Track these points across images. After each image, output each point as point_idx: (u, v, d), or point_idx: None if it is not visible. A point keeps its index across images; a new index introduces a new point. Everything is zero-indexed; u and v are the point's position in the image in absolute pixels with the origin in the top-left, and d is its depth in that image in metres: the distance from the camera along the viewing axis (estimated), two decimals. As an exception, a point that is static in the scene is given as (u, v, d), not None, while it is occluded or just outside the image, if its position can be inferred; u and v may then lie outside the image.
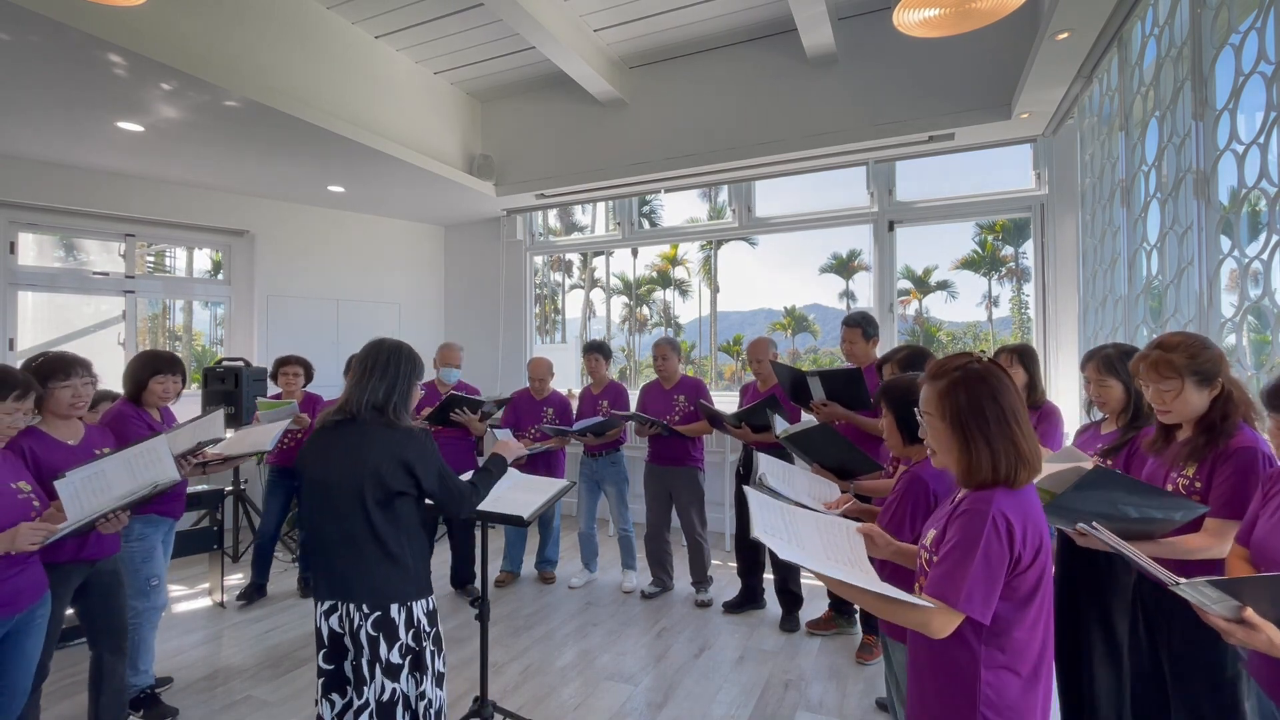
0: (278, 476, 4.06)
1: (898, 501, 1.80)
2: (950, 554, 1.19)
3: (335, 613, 1.72)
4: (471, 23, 4.50)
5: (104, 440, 2.36)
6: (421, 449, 1.75)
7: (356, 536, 1.71)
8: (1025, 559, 1.18)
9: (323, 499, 1.75)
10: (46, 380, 2.13)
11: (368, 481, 1.69)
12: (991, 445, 1.21)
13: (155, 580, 2.69)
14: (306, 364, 4.14)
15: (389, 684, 1.67)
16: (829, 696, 2.86)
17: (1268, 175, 2.00)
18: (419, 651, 1.72)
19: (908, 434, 1.84)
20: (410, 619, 1.72)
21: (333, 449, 1.75)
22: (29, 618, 1.92)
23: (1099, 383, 2.12)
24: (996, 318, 37.17)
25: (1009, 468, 1.21)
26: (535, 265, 6.74)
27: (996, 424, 1.22)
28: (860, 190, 5.19)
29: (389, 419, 1.77)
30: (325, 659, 1.74)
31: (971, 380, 1.25)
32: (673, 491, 3.97)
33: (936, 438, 1.30)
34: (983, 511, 1.18)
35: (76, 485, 1.93)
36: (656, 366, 4.06)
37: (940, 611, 1.17)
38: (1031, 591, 1.20)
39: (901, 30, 2.45)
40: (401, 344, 1.89)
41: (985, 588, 1.15)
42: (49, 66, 3.18)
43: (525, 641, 3.42)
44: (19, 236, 4.72)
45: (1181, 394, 1.64)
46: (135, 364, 2.72)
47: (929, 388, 1.31)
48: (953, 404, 1.25)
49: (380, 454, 1.71)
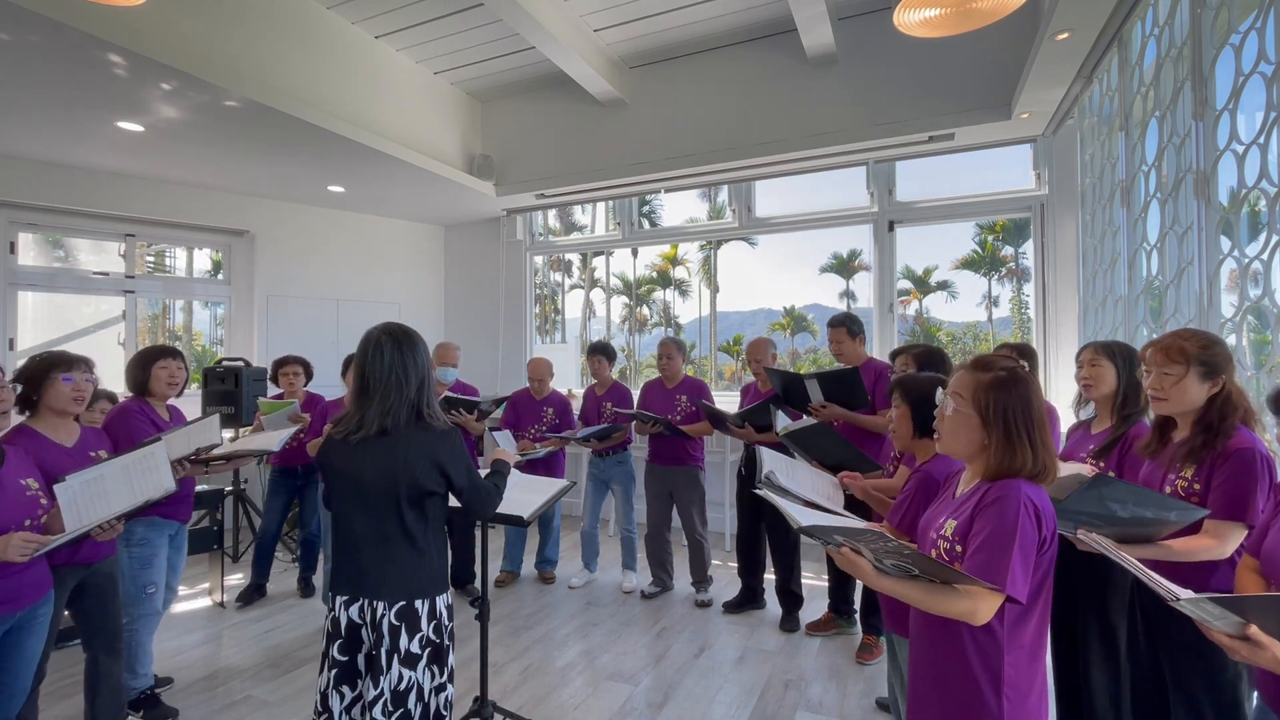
0: (279, 477, 4.06)
1: (911, 500, 1.80)
2: (990, 540, 1.23)
3: (356, 602, 1.70)
4: (471, 23, 4.50)
5: (99, 443, 2.33)
6: (454, 449, 1.74)
7: (389, 534, 1.70)
8: (1048, 540, 1.26)
9: (354, 495, 1.73)
10: (49, 371, 2.10)
11: (402, 481, 1.68)
12: (1033, 444, 1.29)
13: (152, 588, 2.66)
14: (306, 364, 4.14)
15: (406, 672, 1.65)
16: (829, 696, 2.86)
17: (1268, 175, 2.00)
18: (438, 644, 1.71)
19: (919, 427, 1.89)
20: (433, 611, 1.71)
21: (364, 451, 1.71)
22: (30, 616, 1.90)
23: (1091, 363, 2.12)
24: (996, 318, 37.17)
25: (1044, 465, 1.29)
26: (535, 265, 6.74)
27: (1039, 425, 1.30)
28: (860, 190, 5.19)
29: (424, 420, 1.73)
30: (340, 650, 1.70)
31: (1021, 381, 1.32)
32: (673, 491, 3.98)
33: (959, 424, 1.35)
34: (1014, 498, 1.24)
35: (75, 490, 1.90)
36: (660, 365, 4.06)
37: (986, 597, 1.19)
38: (1046, 573, 1.27)
39: (901, 30, 2.45)
40: (397, 336, 1.75)
41: (1024, 570, 1.21)
42: (49, 66, 3.18)
43: (525, 641, 3.42)
44: (19, 236, 4.72)
45: (1182, 382, 1.65)
46: (135, 359, 2.72)
47: (972, 376, 1.35)
48: (999, 399, 1.30)
49: (416, 455, 1.69)
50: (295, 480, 4.08)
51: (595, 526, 4.30)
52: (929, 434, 1.92)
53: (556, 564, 4.42)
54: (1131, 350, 2.11)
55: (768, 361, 3.67)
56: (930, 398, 1.92)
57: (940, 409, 1.40)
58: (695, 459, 3.95)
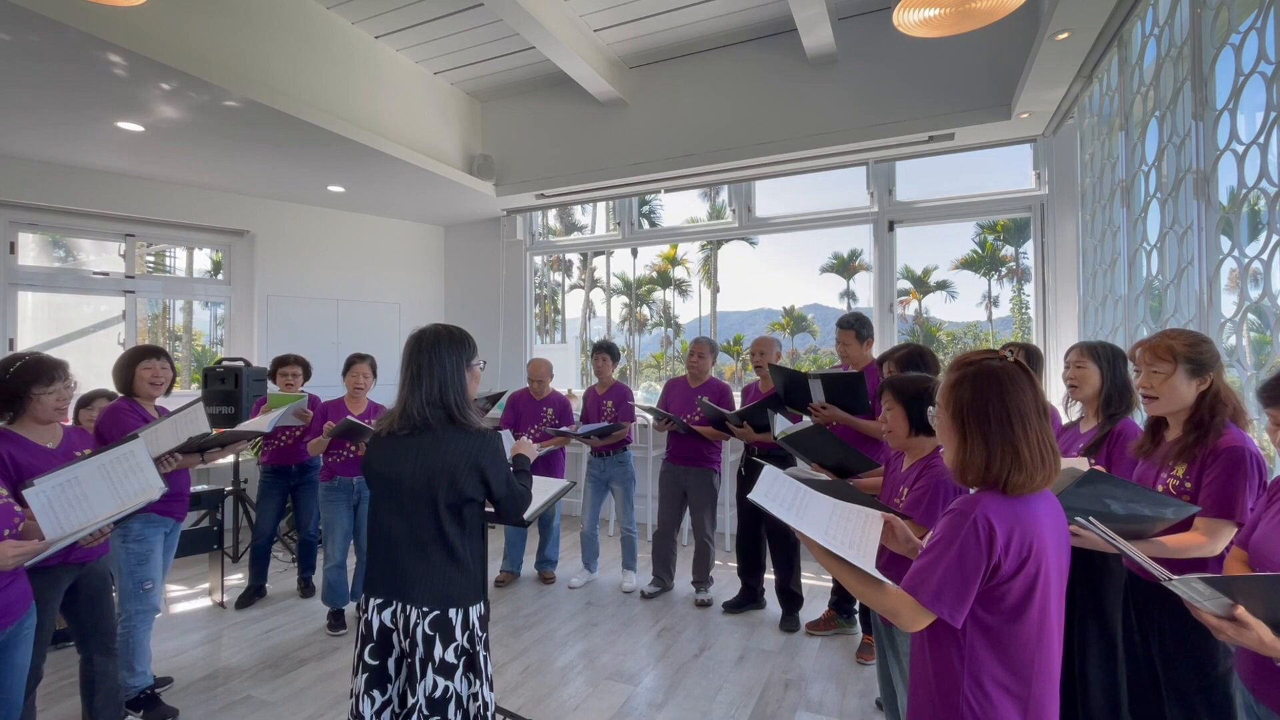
0: (272, 477, 4.04)
1: (929, 495, 1.80)
2: (929, 550, 1.18)
3: (389, 607, 1.68)
4: (471, 23, 4.50)
5: (83, 442, 2.28)
6: (495, 452, 1.71)
7: (424, 539, 1.67)
8: (1008, 568, 1.13)
9: (392, 498, 1.71)
10: (30, 387, 2.04)
11: (441, 486, 1.65)
12: (988, 445, 1.17)
13: (149, 584, 2.65)
14: (305, 363, 4.13)
15: (442, 681, 1.63)
16: (829, 696, 2.86)
17: (1268, 175, 2.00)
18: (473, 654, 1.69)
19: (914, 425, 1.90)
20: (466, 621, 1.68)
21: (403, 450, 1.70)
22: (17, 630, 1.86)
23: (1077, 364, 2.15)
24: (996, 318, 37.17)
25: (1001, 470, 1.16)
26: (535, 265, 6.74)
27: (998, 424, 1.17)
28: (860, 190, 5.19)
29: (458, 421, 1.71)
30: (371, 654, 1.69)
31: (982, 377, 1.21)
32: (688, 491, 3.96)
33: (940, 430, 1.29)
34: (966, 513, 1.15)
35: (49, 494, 1.78)
36: (690, 362, 4.04)
37: (910, 604, 1.16)
38: (1020, 603, 1.15)
39: (901, 30, 2.45)
40: (439, 330, 1.77)
41: (956, 589, 1.13)
42: (49, 66, 3.18)
43: (525, 641, 3.42)
44: (19, 236, 4.72)
45: (1171, 379, 1.68)
46: (120, 360, 2.72)
47: (945, 381, 1.29)
48: (957, 398, 1.22)
49: (455, 458, 1.66)
50: (288, 480, 4.06)
51: (595, 527, 4.30)
52: (923, 432, 1.94)
53: (556, 564, 4.42)
54: (1117, 350, 2.14)
55: (772, 359, 3.67)
56: (921, 395, 1.93)
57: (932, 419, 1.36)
58: (711, 462, 3.93)
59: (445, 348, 1.74)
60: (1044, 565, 1.16)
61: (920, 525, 1.84)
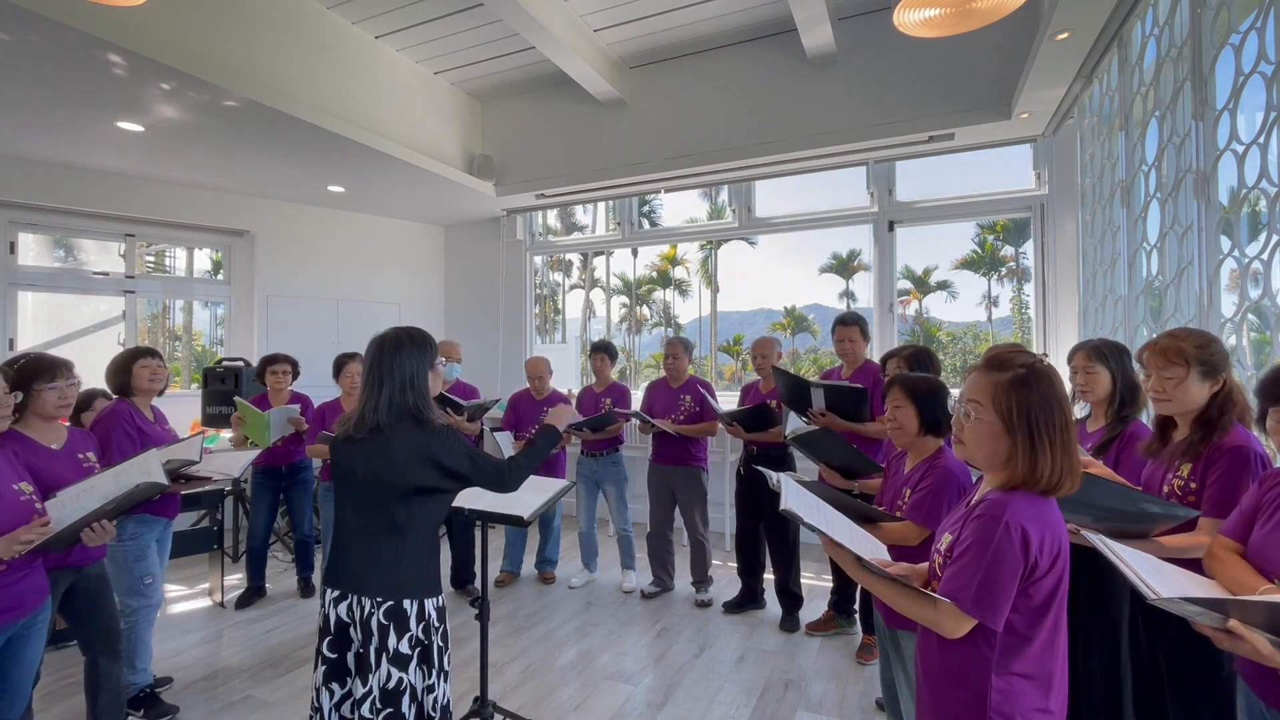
0: (263, 478, 4.01)
1: (933, 497, 1.80)
2: (964, 556, 1.18)
3: (345, 600, 1.71)
4: (471, 23, 4.50)
5: (87, 443, 2.32)
6: (447, 443, 1.74)
7: (376, 531, 1.71)
8: (1043, 565, 1.15)
9: (348, 491, 1.76)
10: (32, 382, 2.07)
11: (391, 480, 1.69)
12: (1052, 451, 1.16)
13: (149, 579, 2.68)
14: (294, 362, 4.10)
15: (395, 672, 1.65)
16: (829, 696, 2.86)
17: (1268, 175, 2.00)
18: (427, 645, 1.72)
19: (926, 425, 1.90)
20: (422, 612, 1.71)
21: (358, 447, 1.74)
22: (31, 622, 1.91)
23: (1085, 369, 2.11)
24: (996, 318, 37.15)
25: (1055, 474, 1.16)
26: (535, 265, 6.74)
27: (1062, 430, 1.16)
28: (860, 190, 5.19)
29: (415, 417, 1.74)
30: (330, 647, 1.72)
31: (1043, 379, 1.18)
32: (676, 491, 3.97)
33: (980, 430, 1.22)
34: (996, 517, 1.15)
35: (65, 504, 1.91)
36: (666, 365, 4.05)
37: (953, 612, 1.16)
38: (1048, 599, 1.17)
39: (901, 30, 2.45)
40: (400, 334, 1.81)
41: (997, 594, 1.13)
42: (49, 66, 3.18)
43: (525, 641, 3.42)
44: (19, 236, 4.72)
45: (1184, 383, 1.65)
46: (115, 362, 2.75)
47: (987, 377, 1.22)
48: (1020, 401, 1.17)
49: (406, 453, 1.70)
50: (279, 481, 4.03)
51: (592, 527, 4.30)
52: (932, 431, 1.93)
53: (556, 564, 4.42)
54: (1121, 348, 2.11)
55: (774, 360, 3.67)
56: (934, 394, 1.93)
57: (957, 419, 1.28)
58: (698, 459, 3.95)
59: (407, 351, 1.77)
60: (1064, 556, 1.19)
61: (923, 527, 1.84)
